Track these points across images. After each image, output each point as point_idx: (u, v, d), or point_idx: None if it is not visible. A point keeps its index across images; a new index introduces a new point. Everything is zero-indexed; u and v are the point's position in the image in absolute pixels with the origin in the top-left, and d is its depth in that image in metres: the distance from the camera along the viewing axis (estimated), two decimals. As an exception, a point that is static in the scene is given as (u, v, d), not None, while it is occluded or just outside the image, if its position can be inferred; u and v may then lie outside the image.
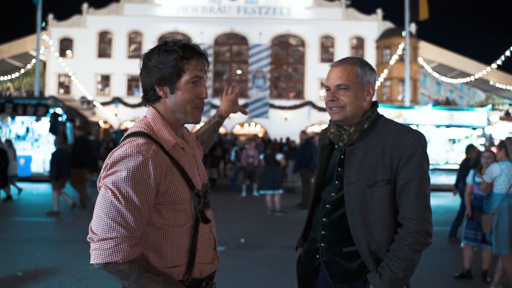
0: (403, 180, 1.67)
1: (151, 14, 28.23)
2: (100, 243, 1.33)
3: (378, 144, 1.71)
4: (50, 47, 27.12)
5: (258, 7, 28.04)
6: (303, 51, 28.67)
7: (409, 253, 1.65)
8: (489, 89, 32.02)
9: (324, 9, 28.25)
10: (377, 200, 1.68)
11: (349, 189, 1.72)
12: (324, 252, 1.80)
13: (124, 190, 1.34)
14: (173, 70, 1.46)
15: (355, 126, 1.76)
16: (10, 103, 13.76)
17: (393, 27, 27.68)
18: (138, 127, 1.49)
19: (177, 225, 1.46)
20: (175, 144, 1.49)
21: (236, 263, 5.37)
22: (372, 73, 1.80)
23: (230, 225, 7.61)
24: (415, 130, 1.75)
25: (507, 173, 4.38)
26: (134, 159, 1.37)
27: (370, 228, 1.70)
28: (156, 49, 1.49)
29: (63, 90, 28.74)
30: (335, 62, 1.82)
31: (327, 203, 1.81)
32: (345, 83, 1.74)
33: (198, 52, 1.52)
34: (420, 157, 1.68)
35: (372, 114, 1.78)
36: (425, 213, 1.67)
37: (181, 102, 1.49)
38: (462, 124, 14.23)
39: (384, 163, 1.68)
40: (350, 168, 1.73)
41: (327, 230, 1.80)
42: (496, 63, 21.45)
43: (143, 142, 1.41)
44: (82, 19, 28.45)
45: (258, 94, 27.45)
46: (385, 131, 1.74)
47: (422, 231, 1.65)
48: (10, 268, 4.98)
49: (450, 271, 5.13)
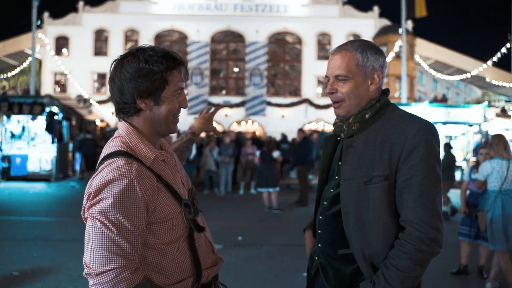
0: (404, 177, 1.45)
1: (147, 12, 28.12)
2: (99, 277, 1.26)
3: (378, 136, 1.51)
4: (45, 46, 26.98)
5: (254, 5, 27.97)
6: (300, 49, 28.64)
7: (408, 262, 1.42)
8: (485, 86, 32.10)
9: (320, 6, 28.22)
10: (373, 198, 1.48)
11: (345, 185, 1.54)
12: (321, 254, 1.64)
13: (113, 218, 1.27)
14: (157, 83, 1.36)
15: (355, 116, 1.57)
16: (5, 101, 13.67)
17: (389, 24, 27.68)
18: (114, 147, 1.39)
19: (173, 241, 1.41)
20: (155, 158, 1.41)
21: (233, 261, 5.37)
22: (377, 57, 1.58)
23: (227, 223, 7.60)
24: (421, 119, 1.51)
25: (498, 170, 4.41)
26: (118, 183, 1.28)
27: (365, 230, 1.50)
28: (134, 57, 1.37)
29: (59, 88, 28.60)
30: (334, 48, 1.63)
31: (325, 200, 1.65)
32: (343, 74, 1.55)
33: (180, 61, 1.44)
34: (424, 151, 1.44)
35: (377, 102, 1.57)
36: (430, 216, 1.43)
37: (165, 113, 1.42)
38: (458, 121, 14.26)
39: (382, 157, 1.47)
40: (347, 162, 1.54)
41: (323, 229, 1.64)
42: (492, 60, 21.50)
43: (123, 162, 1.32)
44: (78, 17, 28.31)
45: (255, 91, 27.41)
46: (389, 121, 1.53)
47: (425, 238, 1.41)
48: (6, 267, 4.96)
49: (447, 268, 5.15)
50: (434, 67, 29.14)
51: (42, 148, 14.05)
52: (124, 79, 1.36)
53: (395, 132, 1.49)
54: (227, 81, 29.09)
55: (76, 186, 12.72)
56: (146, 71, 1.34)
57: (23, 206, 9.20)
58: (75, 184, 13.07)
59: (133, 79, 1.35)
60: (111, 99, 1.45)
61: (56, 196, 11.02)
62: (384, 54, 1.63)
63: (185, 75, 1.46)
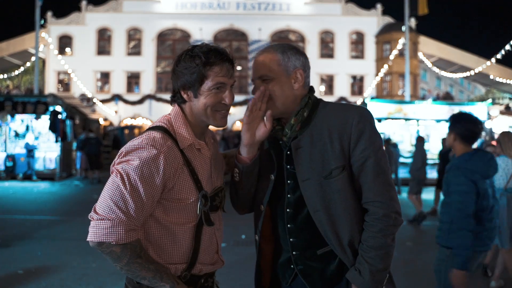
0: (358, 162, 1.53)
1: (150, 10, 28.15)
2: (98, 222, 1.36)
3: (323, 130, 1.56)
4: (49, 45, 27.07)
5: (257, 3, 27.95)
6: (302, 47, 28.57)
7: (383, 240, 1.50)
8: (489, 83, 31.97)
9: (323, 4, 28.16)
10: (337, 191, 1.53)
11: (305, 185, 1.56)
12: (298, 261, 1.61)
13: (132, 178, 1.39)
14: (196, 76, 1.49)
15: (295, 117, 1.60)
16: (9, 101, 13.72)
17: (392, 22, 27.60)
18: (160, 122, 1.55)
19: (179, 224, 1.49)
20: (192, 144, 1.53)
21: (237, 259, 5.37)
22: (298, 57, 1.63)
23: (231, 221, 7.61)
24: (357, 106, 1.61)
25: (504, 168, 4.37)
26: (148, 151, 1.42)
27: (338, 222, 1.54)
28: (184, 54, 1.53)
29: (62, 87, 28.71)
30: (257, 52, 1.66)
31: (287, 207, 1.62)
32: (266, 74, 1.58)
33: (222, 57, 1.52)
34: (370, 134, 1.53)
35: (309, 100, 1.62)
36: (389, 191, 1.53)
37: (202, 106, 1.52)
38: (462, 119, 14.23)
39: (334, 149, 1.53)
40: (301, 163, 1.57)
41: (296, 237, 1.61)
42: (496, 57, 21.40)
43: (160, 136, 1.46)
44: (81, 17, 28.38)
45: (258, 90, 27.42)
46: (327, 115, 1.59)
47: (390, 213, 1.51)
48: (11, 266, 4.98)
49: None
50: (437, 65, 29.04)
51: (46, 147, 14.12)
52: (176, 71, 1.54)
53: (338, 122, 1.56)
54: (230, 79, 29.08)
55: (80, 185, 12.76)
56: (187, 66, 1.50)
57: (27, 205, 9.25)
58: (78, 183, 13.12)
59: (179, 71, 1.52)
60: None
61: (60, 195, 11.06)
62: (305, 55, 1.68)
63: (229, 71, 1.53)
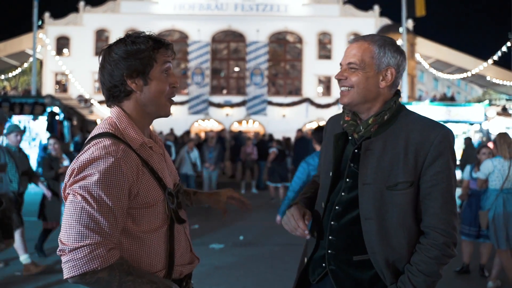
0: (429, 183, 1.45)
1: (148, 11, 28.12)
2: (73, 253, 1.21)
3: (399, 140, 1.47)
4: (46, 46, 26.99)
5: (255, 4, 27.97)
6: (300, 48, 28.63)
7: (435, 267, 1.44)
8: (486, 84, 32.05)
9: (321, 5, 28.20)
10: (398, 205, 1.46)
11: (365, 190, 1.48)
12: (332, 260, 1.57)
13: (96, 194, 1.25)
14: (146, 60, 1.39)
15: (374, 117, 1.51)
16: (7, 102, 13.70)
17: (390, 23, 27.65)
18: (102, 128, 1.39)
19: (152, 230, 1.39)
20: (143, 143, 1.41)
21: (234, 260, 5.38)
22: (395, 55, 1.52)
23: (229, 222, 7.61)
24: (442, 125, 1.51)
25: (500, 169, 4.40)
26: (104, 161, 1.28)
27: (388, 236, 1.47)
28: (122, 41, 1.42)
29: (60, 88, 28.64)
30: (354, 38, 1.60)
31: (337, 204, 1.57)
32: (356, 62, 1.50)
33: (165, 41, 1.47)
34: (448, 157, 1.45)
35: (394, 104, 1.53)
36: (453, 221, 1.46)
37: (155, 93, 1.41)
38: (459, 120, 14.27)
39: (407, 163, 1.45)
40: (366, 165, 1.49)
41: (336, 236, 1.56)
42: (493, 58, 21.48)
43: (110, 143, 1.32)
44: (78, 17, 28.33)
45: (256, 91, 27.41)
46: (408, 125, 1.50)
47: (450, 243, 1.45)
48: (9, 268, 4.98)
49: (449, 266, 5.16)
50: (434, 66, 29.11)
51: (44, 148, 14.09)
52: (113, 61, 1.38)
53: (419, 137, 1.47)
54: (228, 80, 29.07)
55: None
56: (134, 50, 1.38)
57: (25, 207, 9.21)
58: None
59: (122, 59, 1.38)
60: (101, 89, 1.45)
61: (57, 196, 11.02)
62: (404, 54, 1.56)
63: (171, 53, 1.47)
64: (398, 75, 1.55)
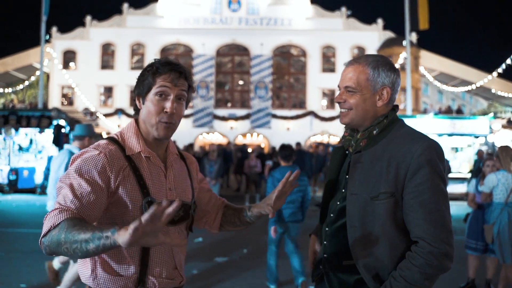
0: (410, 195, 1.48)
1: (153, 26, 28.48)
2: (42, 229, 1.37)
3: (385, 153, 1.54)
4: (53, 59, 27.35)
5: (259, 18, 28.26)
6: (304, 61, 28.81)
7: (418, 275, 1.44)
8: (491, 97, 32.01)
9: (325, 19, 28.45)
10: (379, 214, 1.52)
11: (352, 199, 1.58)
12: (326, 264, 1.68)
13: (71, 175, 1.44)
14: (146, 84, 1.54)
15: (362, 132, 1.62)
16: (14, 115, 13.84)
17: (393, 36, 27.81)
18: (112, 134, 1.62)
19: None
20: (140, 152, 1.55)
21: (238, 273, 5.35)
22: (389, 74, 1.60)
23: (232, 235, 7.59)
24: (428, 138, 1.54)
25: (504, 183, 4.37)
26: (90, 152, 1.48)
27: (370, 244, 1.53)
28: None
29: (66, 101, 28.91)
30: (349, 61, 1.68)
31: (331, 212, 1.69)
32: (352, 86, 1.60)
33: (171, 67, 1.53)
34: (429, 170, 1.47)
35: (384, 119, 1.61)
36: (442, 232, 1.46)
37: (147, 113, 1.55)
38: (464, 133, 14.21)
39: (388, 174, 1.51)
40: (355, 177, 1.59)
41: (329, 241, 1.68)
42: (497, 71, 21.48)
43: (105, 142, 1.53)
44: (85, 32, 28.73)
45: (260, 104, 27.53)
46: (396, 138, 1.57)
47: (438, 253, 1.44)
48: (14, 280, 4.98)
49: (454, 281, 5.10)
50: (439, 79, 29.15)
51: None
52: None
53: (401, 150, 1.52)
54: (232, 93, 29.24)
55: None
56: (142, 73, 1.58)
57: (30, 219, 9.25)
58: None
59: (137, 79, 1.60)
60: None
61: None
62: (397, 72, 1.64)
63: (174, 79, 1.52)
64: (394, 92, 1.63)
